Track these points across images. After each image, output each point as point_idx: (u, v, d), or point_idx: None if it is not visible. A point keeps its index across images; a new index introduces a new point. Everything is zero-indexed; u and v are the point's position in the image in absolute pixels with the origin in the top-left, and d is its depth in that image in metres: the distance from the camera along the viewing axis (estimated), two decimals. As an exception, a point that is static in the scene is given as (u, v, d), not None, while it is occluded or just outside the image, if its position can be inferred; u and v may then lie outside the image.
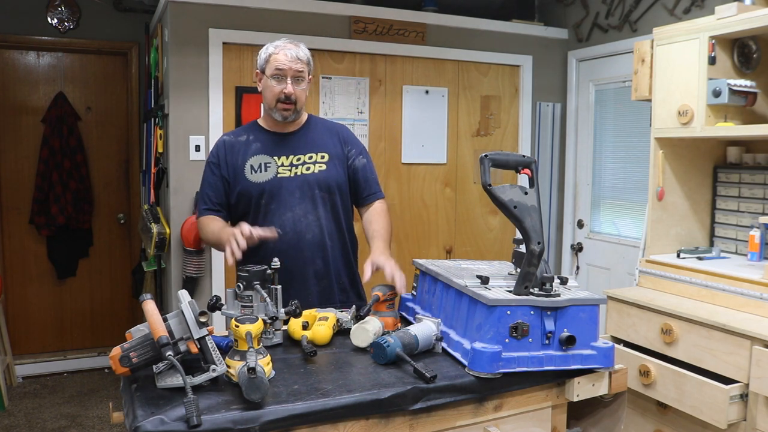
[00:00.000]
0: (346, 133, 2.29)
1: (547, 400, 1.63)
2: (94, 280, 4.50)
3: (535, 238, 1.58)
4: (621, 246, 3.79)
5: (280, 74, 2.08)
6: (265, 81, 2.12)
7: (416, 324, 1.69)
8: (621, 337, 2.61)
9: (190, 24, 3.24)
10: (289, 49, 2.09)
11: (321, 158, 2.18)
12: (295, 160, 2.16)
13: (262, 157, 2.15)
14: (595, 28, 3.93)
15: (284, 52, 2.08)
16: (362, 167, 2.24)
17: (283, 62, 2.08)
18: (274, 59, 2.09)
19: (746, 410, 2.11)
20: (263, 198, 2.13)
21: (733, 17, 2.39)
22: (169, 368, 1.39)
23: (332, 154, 2.20)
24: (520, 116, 4.12)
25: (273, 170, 2.14)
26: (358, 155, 2.24)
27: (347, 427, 1.39)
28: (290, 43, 2.14)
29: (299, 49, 2.13)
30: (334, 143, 2.22)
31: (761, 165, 2.69)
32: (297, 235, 2.12)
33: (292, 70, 2.09)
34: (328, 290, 2.14)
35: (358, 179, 2.23)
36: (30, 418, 3.61)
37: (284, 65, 2.08)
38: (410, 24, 3.72)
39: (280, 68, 2.08)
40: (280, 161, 2.15)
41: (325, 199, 2.17)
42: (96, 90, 4.40)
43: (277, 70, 2.08)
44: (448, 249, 3.98)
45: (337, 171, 2.19)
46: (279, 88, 2.09)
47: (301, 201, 2.13)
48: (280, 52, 2.09)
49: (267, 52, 2.12)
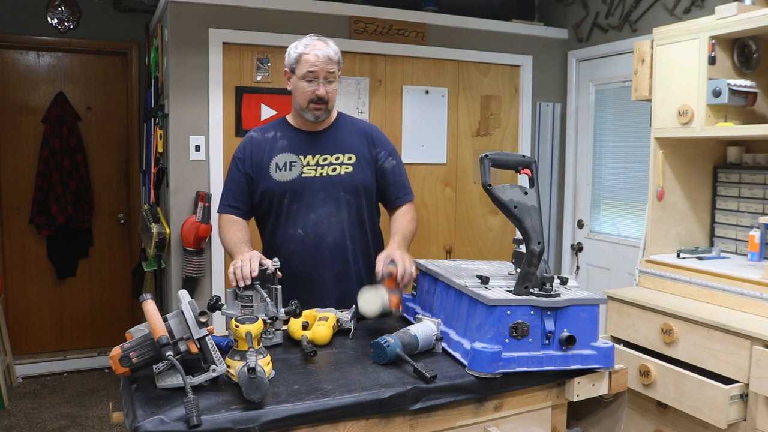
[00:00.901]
0: (376, 133, 2.24)
1: (547, 400, 1.63)
2: (94, 280, 4.50)
3: (535, 238, 1.58)
4: (621, 246, 3.79)
5: (311, 76, 2.03)
6: (296, 82, 2.07)
7: (416, 324, 1.69)
8: (621, 337, 2.61)
9: (190, 24, 3.24)
10: (320, 49, 2.03)
11: (348, 159, 2.14)
12: (321, 160, 2.12)
13: (287, 156, 2.11)
14: (595, 28, 3.93)
15: (315, 53, 2.02)
16: (391, 169, 2.20)
17: (315, 63, 2.02)
18: (305, 60, 2.03)
19: (746, 410, 2.11)
20: (286, 197, 2.10)
21: (733, 17, 2.39)
22: (169, 368, 1.39)
23: (360, 155, 2.15)
24: (520, 116, 4.12)
25: (298, 169, 2.10)
26: (388, 157, 2.20)
27: (347, 427, 1.39)
28: (319, 40, 2.07)
29: (329, 47, 2.06)
30: (362, 144, 2.18)
31: (761, 165, 2.69)
32: (318, 237, 2.08)
33: (324, 71, 2.03)
34: (348, 293, 2.06)
35: (387, 182, 2.20)
36: (30, 418, 3.61)
37: (316, 67, 2.02)
38: (410, 24, 3.72)
39: (312, 70, 2.02)
40: (305, 160, 2.11)
41: (350, 202, 2.13)
42: (96, 90, 4.40)
43: (309, 72, 2.02)
44: (448, 249, 3.98)
45: (364, 173, 2.15)
46: (311, 90, 2.04)
47: (325, 202, 2.10)
48: (311, 52, 2.02)
49: (297, 51, 2.06)
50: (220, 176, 3.35)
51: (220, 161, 3.35)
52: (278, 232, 2.14)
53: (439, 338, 1.66)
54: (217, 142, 3.34)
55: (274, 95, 3.44)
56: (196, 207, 3.28)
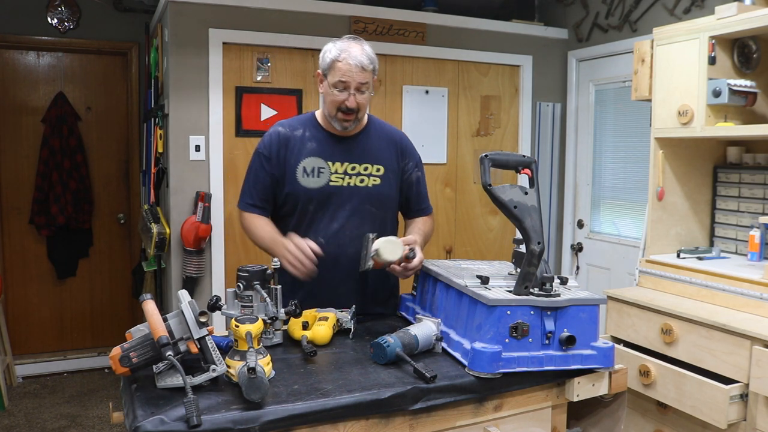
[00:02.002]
0: (405, 143, 2.18)
1: (547, 400, 1.63)
2: (94, 280, 4.50)
3: (535, 238, 1.58)
4: (621, 246, 3.79)
5: (342, 86, 1.96)
6: (327, 87, 2.00)
7: (416, 324, 1.69)
8: (621, 337, 2.61)
9: (190, 24, 3.24)
10: (354, 57, 1.94)
11: (376, 171, 2.08)
12: (349, 169, 2.06)
13: (316, 160, 2.04)
14: (595, 28, 3.93)
15: (348, 61, 1.93)
16: (416, 182, 2.17)
17: (347, 73, 1.94)
18: (337, 68, 1.95)
19: (746, 410, 2.11)
20: (311, 205, 2.04)
21: (733, 17, 2.39)
22: (169, 368, 1.39)
23: (388, 167, 2.10)
24: (520, 116, 4.12)
25: (326, 177, 2.04)
26: (414, 168, 2.17)
27: (347, 427, 1.39)
28: (355, 44, 1.98)
29: (364, 54, 1.97)
30: (391, 155, 2.12)
31: (761, 165, 2.69)
32: (339, 248, 2.04)
33: (356, 82, 1.95)
34: (362, 304, 2.02)
35: (411, 194, 2.17)
36: (30, 418, 3.61)
37: (348, 77, 1.94)
38: (410, 24, 3.72)
39: (344, 80, 1.95)
40: (334, 167, 2.04)
41: (374, 215, 2.09)
42: (96, 90, 4.40)
43: (340, 82, 1.95)
44: (448, 249, 3.98)
45: (390, 185, 2.11)
46: (341, 98, 1.97)
47: (350, 214, 2.05)
48: (345, 59, 1.94)
49: (331, 55, 1.97)
50: (220, 176, 3.35)
51: (220, 161, 3.35)
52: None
53: (439, 338, 1.66)
54: (217, 142, 3.34)
55: (274, 95, 3.44)
56: (196, 207, 3.29)
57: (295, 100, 3.49)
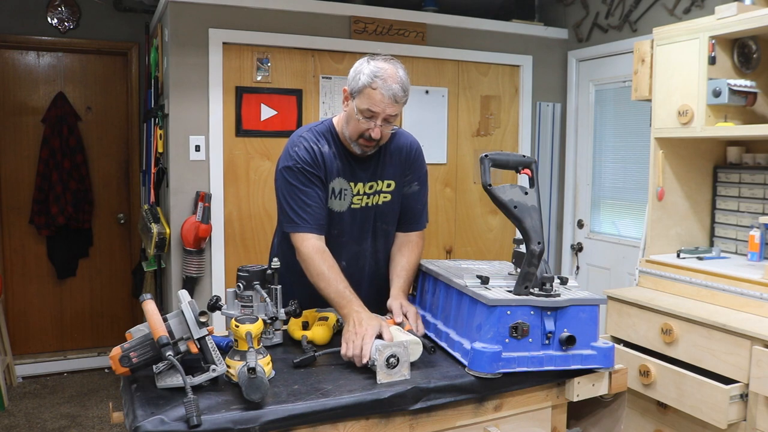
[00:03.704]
0: (413, 156, 2.05)
1: (547, 400, 1.63)
2: (94, 280, 4.49)
3: (535, 238, 1.58)
4: (621, 246, 3.79)
5: (369, 114, 1.81)
6: (352, 109, 1.84)
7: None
8: (621, 337, 2.61)
9: (190, 24, 3.24)
10: (389, 87, 1.78)
11: (387, 187, 2.01)
12: (367, 189, 1.98)
13: (341, 182, 1.93)
14: (595, 28, 3.93)
15: (382, 91, 1.78)
16: (412, 195, 2.07)
17: (378, 104, 1.79)
18: (369, 95, 1.79)
19: (746, 410, 2.11)
20: (335, 228, 1.96)
21: (733, 17, 2.39)
22: (169, 368, 1.39)
23: (398, 182, 2.03)
24: (520, 116, 4.12)
25: (348, 199, 1.96)
26: (414, 181, 2.07)
27: (347, 427, 1.39)
28: (391, 69, 1.81)
29: (399, 83, 1.81)
30: (398, 169, 2.03)
31: (761, 165, 2.68)
32: (359, 270, 2.02)
33: (385, 113, 1.81)
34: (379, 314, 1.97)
35: (403, 207, 2.08)
36: (30, 418, 3.61)
37: (378, 108, 1.80)
38: (410, 24, 3.72)
39: (372, 110, 1.80)
40: (356, 189, 1.96)
41: (387, 231, 2.06)
42: (96, 90, 4.40)
43: (369, 110, 1.81)
44: (448, 249, 3.98)
45: (398, 199, 2.06)
46: (365, 127, 1.83)
47: (366, 234, 2.02)
48: (378, 89, 1.78)
49: (364, 79, 1.81)
50: (220, 176, 3.35)
51: (220, 161, 3.35)
52: None
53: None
54: (217, 142, 3.34)
55: (274, 95, 3.44)
56: (196, 207, 3.29)
57: (295, 100, 3.49)
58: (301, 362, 1.55)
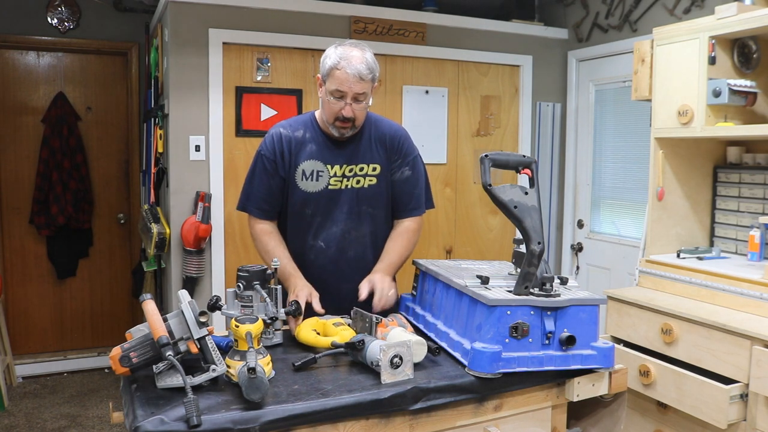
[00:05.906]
0: (396, 140, 2.12)
1: (547, 400, 1.63)
2: (94, 280, 4.50)
3: (535, 238, 1.58)
4: (621, 246, 3.79)
5: (339, 94, 1.93)
6: (324, 93, 1.97)
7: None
8: (621, 337, 2.61)
9: (190, 24, 3.24)
10: (353, 66, 1.89)
11: (372, 170, 2.07)
12: (347, 171, 2.05)
13: (314, 164, 2.03)
14: (595, 28, 3.93)
15: (347, 70, 1.89)
16: (403, 181, 2.12)
17: (345, 83, 1.90)
18: (335, 76, 1.91)
19: (746, 410, 2.11)
20: (308, 208, 2.04)
21: (733, 17, 2.39)
22: (169, 368, 1.39)
23: (384, 166, 2.09)
24: (520, 116, 4.12)
25: (324, 181, 2.03)
26: (403, 167, 2.11)
27: (347, 427, 1.39)
28: (356, 50, 1.93)
29: (363, 62, 1.92)
30: (384, 154, 2.10)
31: (761, 165, 2.69)
32: (339, 252, 2.05)
33: (353, 92, 1.92)
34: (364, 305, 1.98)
35: (395, 193, 2.13)
36: (30, 418, 3.61)
37: (345, 87, 1.91)
38: (410, 24, 3.72)
39: (341, 89, 1.91)
40: (332, 171, 2.03)
41: (373, 215, 2.09)
42: (96, 90, 4.40)
43: (337, 90, 1.92)
44: (448, 249, 3.98)
45: (387, 184, 2.10)
46: (338, 108, 1.94)
47: (348, 216, 2.05)
48: (343, 68, 1.89)
49: (330, 62, 1.93)
50: (220, 176, 3.35)
51: (220, 161, 3.35)
52: (297, 240, 2.10)
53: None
54: (217, 142, 3.34)
55: (274, 95, 3.44)
56: (196, 207, 3.29)
57: (295, 100, 3.49)
58: (301, 365, 1.55)
